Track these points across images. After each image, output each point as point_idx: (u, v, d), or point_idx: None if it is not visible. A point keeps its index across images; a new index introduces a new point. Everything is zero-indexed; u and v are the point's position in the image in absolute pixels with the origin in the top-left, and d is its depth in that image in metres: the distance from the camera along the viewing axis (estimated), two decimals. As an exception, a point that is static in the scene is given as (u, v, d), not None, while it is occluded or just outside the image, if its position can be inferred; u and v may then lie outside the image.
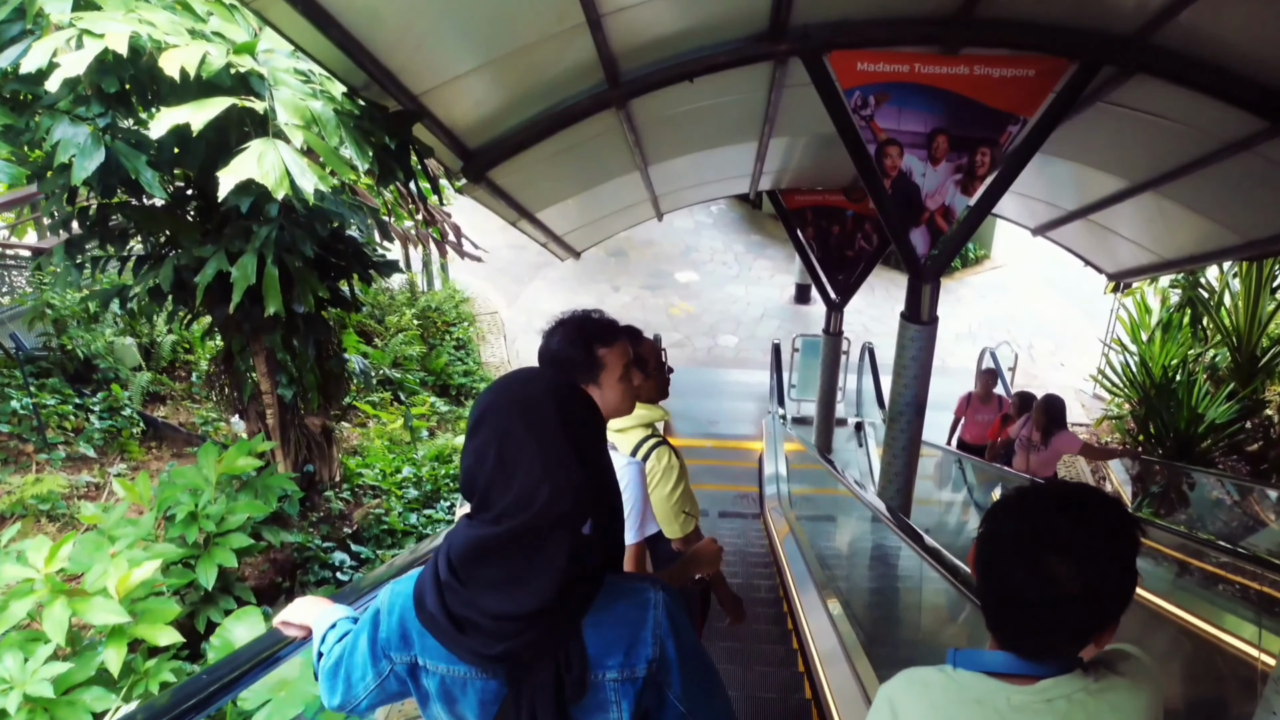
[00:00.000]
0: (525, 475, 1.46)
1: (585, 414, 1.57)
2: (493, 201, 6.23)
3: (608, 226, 10.12)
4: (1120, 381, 12.49)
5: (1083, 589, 1.45)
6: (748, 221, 21.17)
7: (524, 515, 1.45)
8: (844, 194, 10.58)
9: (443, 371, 13.14)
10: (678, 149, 7.28)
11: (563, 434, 1.49)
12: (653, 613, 1.59)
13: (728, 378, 15.49)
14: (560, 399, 1.54)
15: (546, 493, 1.45)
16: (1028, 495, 1.57)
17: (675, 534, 3.32)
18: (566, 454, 1.48)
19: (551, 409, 1.51)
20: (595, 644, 1.56)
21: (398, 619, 1.66)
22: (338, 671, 1.79)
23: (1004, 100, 5.36)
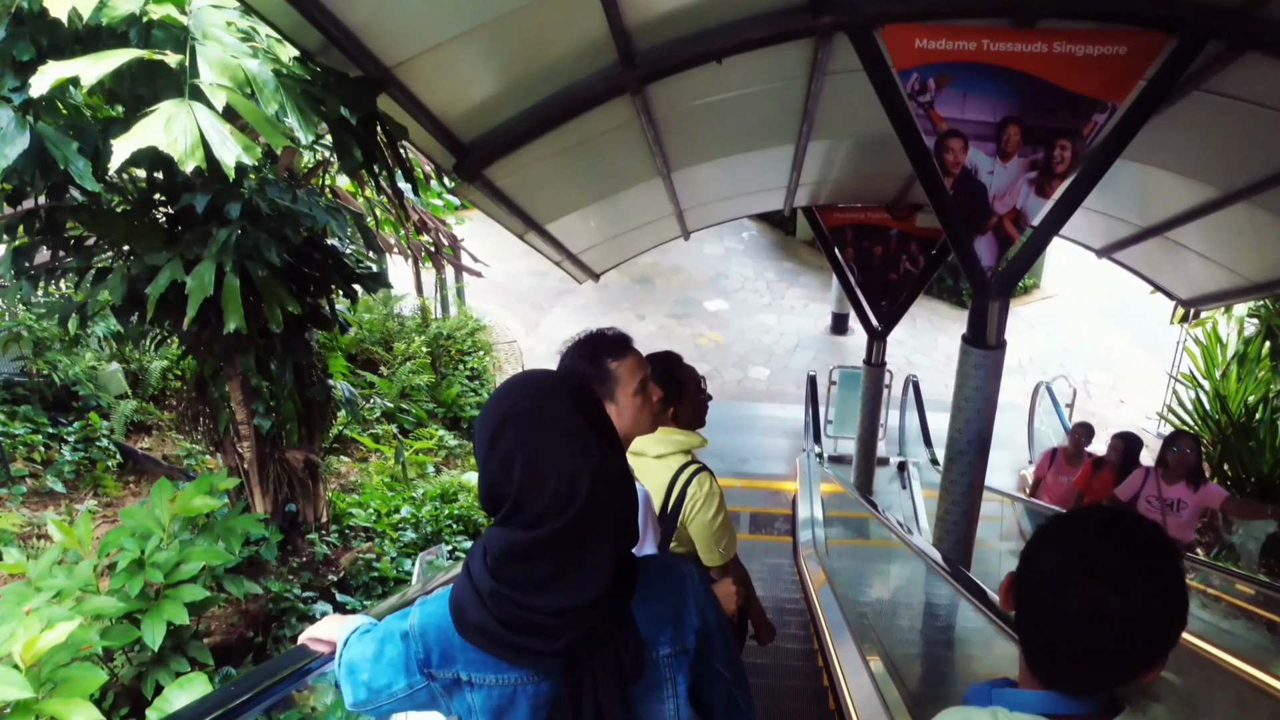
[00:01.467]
0: (560, 472, 1.45)
1: (598, 405, 1.58)
2: (492, 207, 5.55)
3: (629, 245, 9.42)
4: (1193, 419, 11.55)
5: (1134, 619, 1.39)
6: (780, 248, 20.46)
7: (569, 512, 1.45)
8: (888, 211, 9.84)
9: (454, 403, 12.46)
10: (704, 152, 6.57)
11: (586, 422, 1.50)
12: (690, 584, 1.65)
13: (759, 412, 14.69)
14: (572, 389, 1.55)
15: (588, 484, 1.46)
16: (1068, 522, 1.52)
17: (715, 562, 3.31)
18: (596, 439, 1.49)
19: (568, 401, 1.52)
20: (646, 623, 1.59)
21: (435, 637, 1.63)
22: (356, 673, 1.77)
23: (1088, 83, 4.61)
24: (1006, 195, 4.90)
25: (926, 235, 9.91)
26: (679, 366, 3.42)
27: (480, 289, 17.24)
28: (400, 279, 14.87)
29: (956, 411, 5.58)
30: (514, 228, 6.51)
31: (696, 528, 3.29)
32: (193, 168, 2.77)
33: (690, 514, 3.28)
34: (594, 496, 1.46)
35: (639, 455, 3.29)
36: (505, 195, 5.52)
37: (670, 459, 3.32)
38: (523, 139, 4.90)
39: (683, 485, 3.28)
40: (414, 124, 4.40)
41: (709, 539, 3.30)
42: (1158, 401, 14.23)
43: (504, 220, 6.18)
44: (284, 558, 6.77)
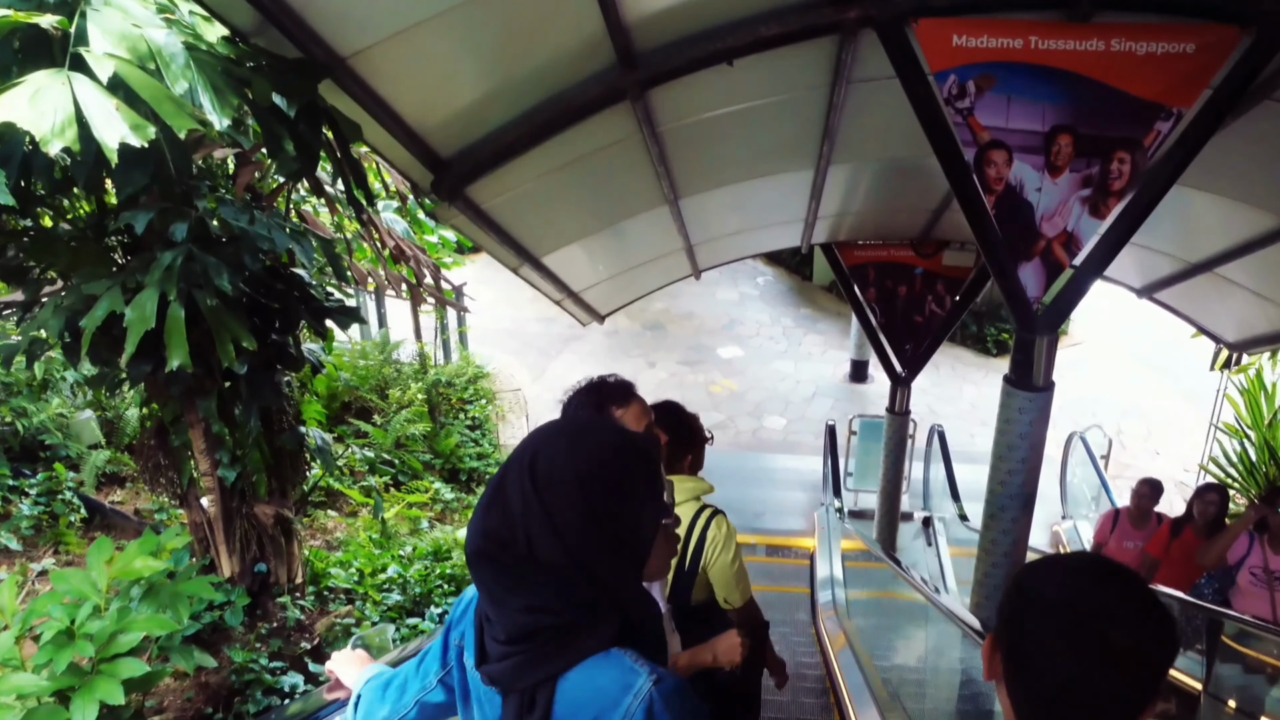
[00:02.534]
0: (518, 512, 1.45)
1: (609, 463, 1.49)
2: (478, 233, 5.03)
3: (637, 284, 8.90)
4: (1238, 472, 10.86)
5: (1135, 657, 1.35)
6: (797, 293, 19.95)
7: (509, 548, 1.45)
8: (912, 248, 9.29)
9: (452, 454, 11.86)
10: (715, 176, 6.05)
11: (572, 485, 1.45)
12: (629, 700, 1.47)
13: (775, 464, 14.04)
14: (574, 444, 1.50)
15: (529, 535, 1.44)
16: (1062, 566, 1.49)
17: (737, 602, 3.42)
18: (567, 506, 1.44)
19: (561, 456, 1.47)
20: (563, 702, 1.50)
21: (465, 605, 1.74)
22: (388, 687, 1.90)
23: (1151, 86, 4.07)
24: (1056, 216, 4.34)
25: (953, 274, 9.35)
26: (684, 413, 3.48)
27: (485, 335, 16.78)
28: (399, 323, 14.42)
29: (998, 461, 4.97)
30: (507, 260, 5.99)
31: (718, 570, 3.38)
32: (59, 148, 2.24)
33: (712, 558, 3.36)
34: (531, 551, 1.44)
35: None
36: (493, 219, 5.00)
37: (685, 506, 3.36)
38: (510, 152, 4.38)
39: (701, 530, 3.35)
40: (379, 130, 3.89)
41: (730, 580, 3.39)
42: (1196, 452, 13.51)
43: (494, 250, 5.66)
44: (252, 623, 6.15)
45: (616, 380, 2.71)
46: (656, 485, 1.57)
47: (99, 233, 4.91)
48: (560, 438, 1.52)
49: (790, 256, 20.69)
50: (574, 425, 1.58)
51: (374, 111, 3.73)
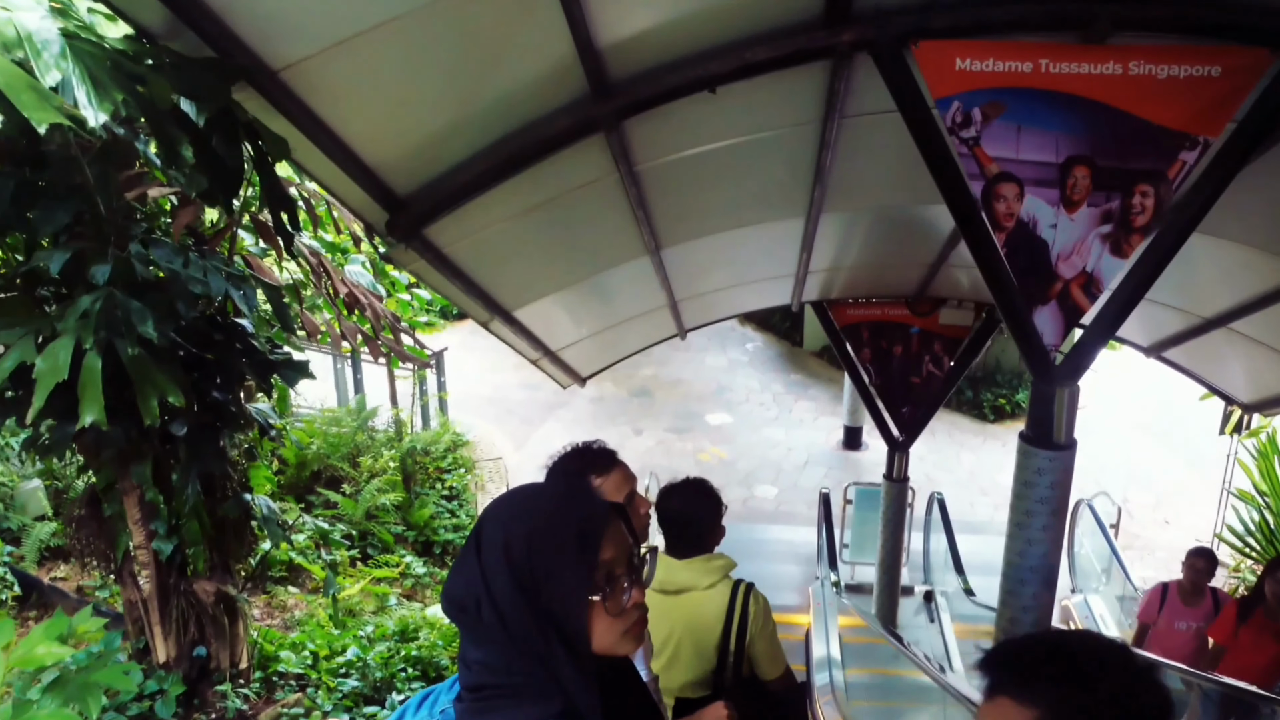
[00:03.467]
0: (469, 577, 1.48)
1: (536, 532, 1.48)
2: (439, 279, 4.64)
3: (619, 344, 8.53)
4: (1257, 541, 10.41)
5: None
6: (787, 359, 19.60)
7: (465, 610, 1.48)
8: (907, 306, 8.96)
9: (426, 525, 11.33)
10: (698, 224, 5.71)
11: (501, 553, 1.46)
12: None
13: (766, 535, 13.49)
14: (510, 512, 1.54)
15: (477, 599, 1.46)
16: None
17: (775, 673, 3.56)
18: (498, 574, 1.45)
19: (499, 524, 1.51)
20: None
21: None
22: None
23: (1174, 113, 3.74)
24: (1074, 255, 3.98)
25: (951, 333, 9.01)
26: (712, 487, 3.53)
27: (467, 402, 16.36)
28: (377, 389, 13.97)
29: (1016, 530, 4.53)
30: (475, 313, 5.61)
31: (764, 643, 3.50)
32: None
33: (757, 631, 3.48)
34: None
35: (688, 590, 3.43)
36: (456, 265, 4.61)
37: (720, 585, 3.48)
38: (472, 189, 4.02)
39: (742, 605, 3.47)
40: (323, 160, 3.52)
41: (772, 651, 3.54)
42: (1207, 521, 13.08)
43: (461, 301, 5.28)
44: (187, 714, 5.60)
45: (600, 447, 2.71)
46: (587, 556, 1.50)
47: (31, 280, 4.51)
48: (505, 506, 1.56)
49: (780, 322, 20.42)
50: (521, 492, 1.61)
51: (316, 136, 3.37)
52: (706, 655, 3.49)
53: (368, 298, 5.35)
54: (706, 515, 3.52)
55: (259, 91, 2.99)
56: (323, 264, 5.09)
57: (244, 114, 2.79)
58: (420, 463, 12.87)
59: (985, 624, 10.38)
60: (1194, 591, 6.50)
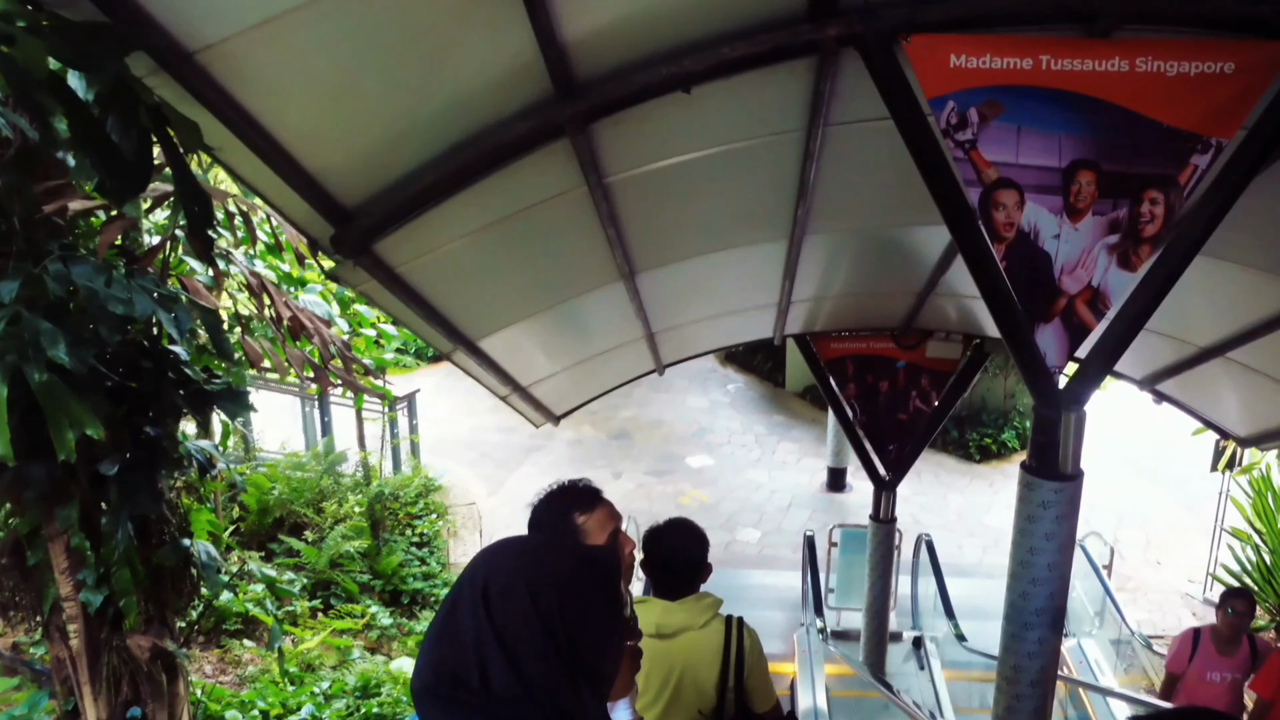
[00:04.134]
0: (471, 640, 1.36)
1: (567, 582, 1.43)
2: (394, 302, 4.29)
3: (594, 379, 8.17)
4: (1254, 580, 10.10)
5: None
6: (770, 400, 19.32)
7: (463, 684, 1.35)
8: (893, 339, 8.67)
9: (394, 574, 10.86)
10: (675, 245, 5.40)
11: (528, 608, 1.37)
12: None
13: (749, 580, 13.07)
14: (528, 563, 1.44)
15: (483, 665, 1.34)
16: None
17: (767, 706, 3.64)
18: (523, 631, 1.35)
19: (515, 576, 1.41)
20: None
21: None
22: None
23: (1184, 113, 3.48)
24: (1079, 268, 3.69)
25: (939, 367, 8.72)
26: (698, 528, 3.64)
27: (441, 446, 15.98)
28: (345, 431, 13.56)
29: (1019, 569, 4.18)
30: (437, 342, 5.26)
31: (758, 677, 3.59)
32: None
33: (753, 665, 3.56)
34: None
35: (684, 630, 3.49)
36: (413, 288, 4.27)
37: (714, 623, 3.56)
38: (427, 199, 3.70)
39: (738, 641, 3.55)
40: (258, 164, 3.19)
41: (765, 684, 3.62)
42: (1199, 561, 12.80)
43: (419, 328, 4.93)
44: (119, 783, 5.13)
45: (584, 485, 2.74)
46: (618, 604, 1.50)
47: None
48: (513, 557, 1.48)
49: (761, 363, 20.18)
50: (527, 543, 1.56)
51: (247, 135, 3.04)
52: (706, 693, 3.55)
53: (314, 323, 4.98)
54: (696, 555, 3.61)
55: (175, 78, 2.67)
56: (264, 286, 4.74)
57: (149, 95, 2.45)
58: (390, 508, 12.42)
59: (978, 670, 9.99)
60: (1231, 639, 6.07)
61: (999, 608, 4.35)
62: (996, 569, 13.43)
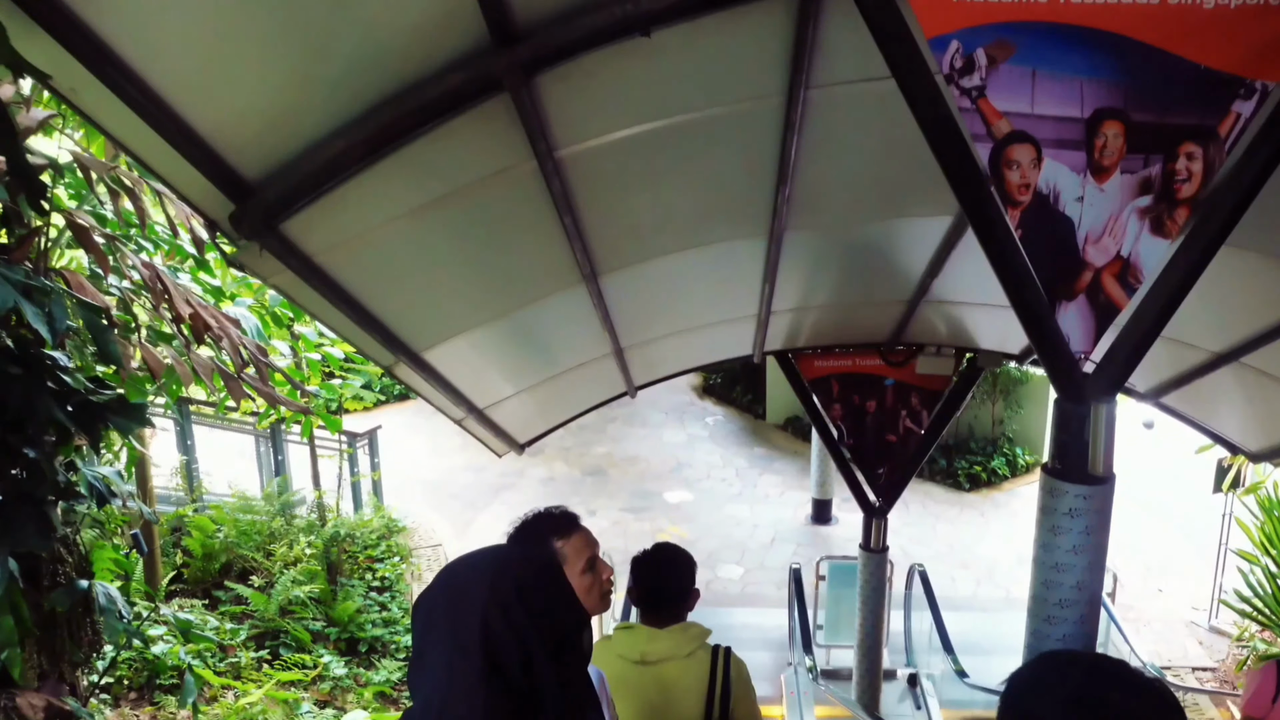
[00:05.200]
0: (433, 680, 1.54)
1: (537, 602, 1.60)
2: (312, 296, 3.74)
3: (560, 403, 7.63)
4: (1266, 604, 9.60)
5: None
6: (750, 433, 18.78)
7: None
8: (880, 355, 8.19)
9: (351, 621, 10.16)
10: (641, 240, 4.89)
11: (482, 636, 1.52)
12: None
13: (732, 619, 12.45)
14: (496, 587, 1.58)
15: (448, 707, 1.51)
16: (1061, 662, 1.65)
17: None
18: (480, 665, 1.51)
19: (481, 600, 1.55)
20: None
21: None
22: None
23: (1226, 53, 3.01)
24: (1105, 235, 3.20)
25: (929, 384, 8.24)
26: (687, 554, 3.78)
27: (406, 486, 15.36)
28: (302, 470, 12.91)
29: (1042, 590, 3.66)
30: (376, 354, 4.70)
31: (746, 707, 3.61)
32: None
33: (740, 696, 3.57)
34: None
35: (668, 660, 3.48)
36: (335, 281, 3.73)
37: (699, 653, 3.55)
38: (342, 168, 3.17)
39: (724, 672, 3.53)
40: (139, 127, 2.66)
41: (755, 712, 3.68)
42: (1202, 588, 12.33)
43: (353, 336, 4.38)
44: None
45: (561, 511, 2.88)
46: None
47: None
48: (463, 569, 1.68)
49: (741, 395, 19.71)
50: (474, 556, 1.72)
51: (121, 88, 2.52)
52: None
53: (221, 322, 4.39)
54: (684, 581, 3.69)
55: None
56: (159, 277, 4.17)
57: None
58: (349, 551, 11.76)
59: (979, 708, 9.42)
60: None
61: (996, 642, 3.89)
62: (991, 602, 12.89)
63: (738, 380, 19.96)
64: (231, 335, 4.39)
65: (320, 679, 8.99)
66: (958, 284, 6.29)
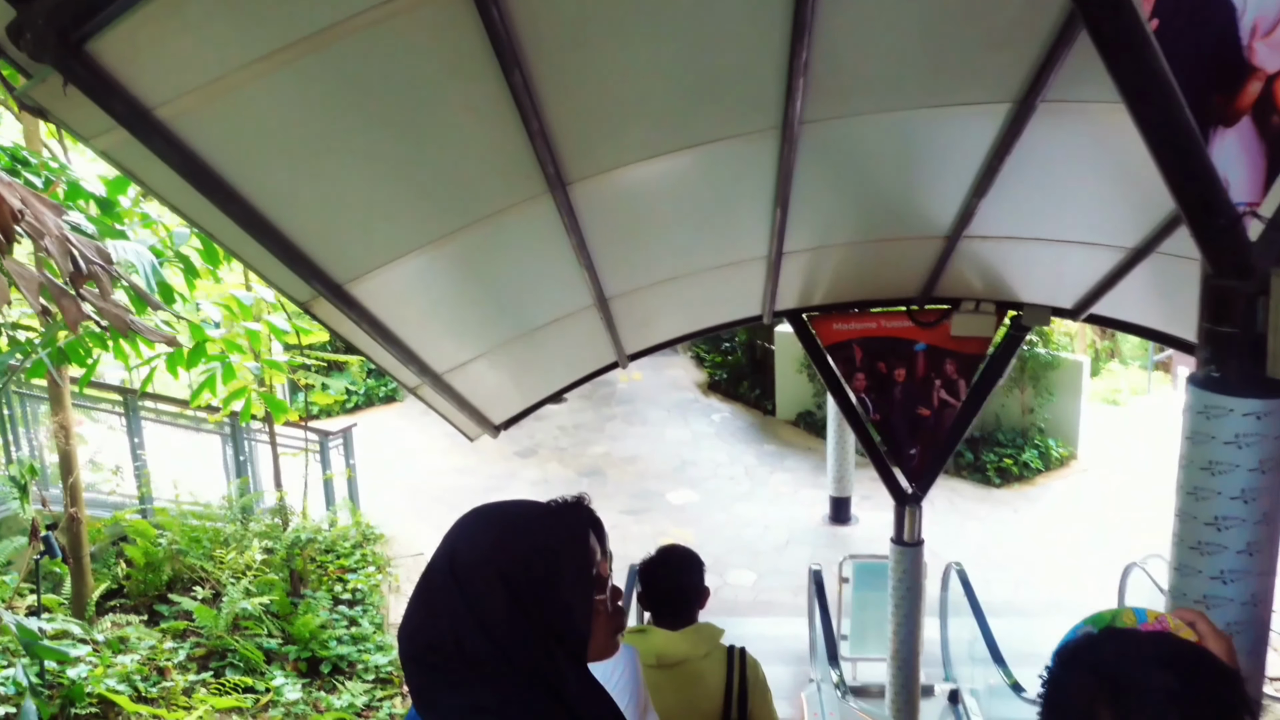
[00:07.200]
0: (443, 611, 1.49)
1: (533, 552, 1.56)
2: (162, 174, 2.77)
3: (538, 373, 6.67)
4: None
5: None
6: (759, 429, 17.85)
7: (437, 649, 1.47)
8: (909, 316, 7.21)
9: (313, 637, 9.15)
10: (617, 130, 3.92)
11: (495, 579, 1.49)
12: None
13: (744, 630, 11.40)
14: (495, 534, 1.56)
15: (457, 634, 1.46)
16: (1102, 635, 1.55)
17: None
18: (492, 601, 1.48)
19: (482, 549, 1.53)
20: None
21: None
22: None
23: None
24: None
25: (966, 349, 7.25)
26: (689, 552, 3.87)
27: (388, 491, 14.46)
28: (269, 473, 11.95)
29: (1188, 554, 2.67)
30: (284, 282, 3.74)
31: (763, 707, 3.71)
32: None
33: (758, 697, 3.68)
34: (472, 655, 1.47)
35: (685, 661, 3.57)
36: (187, 147, 2.76)
37: (715, 654, 3.66)
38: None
39: (740, 672, 3.65)
40: None
41: (772, 712, 3.78)
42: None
43: (240, 249, 3.41)
44: None
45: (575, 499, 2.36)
46: (585, 565, 1.60)
47: None
48: (481, 528, 1.58)
49: (748, 390, 18.81)
50: (495, 513, 1.63)
51: None
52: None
53: (34, 207, 3.37)
54: (695, 582, 3.75)
55: None
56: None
57: None
58: (319, 560, 10.79)
59: (1031, 728, 8.40)
60: None
61: (1043, 650, 2.92)
62: (1033, 606, 11.90)
63: (744, 375, 19.07)
64: (52, 228, 3.36)
65: (273, 704, 8.01)
66: (1008, 211, 5.33)
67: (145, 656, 7.75)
